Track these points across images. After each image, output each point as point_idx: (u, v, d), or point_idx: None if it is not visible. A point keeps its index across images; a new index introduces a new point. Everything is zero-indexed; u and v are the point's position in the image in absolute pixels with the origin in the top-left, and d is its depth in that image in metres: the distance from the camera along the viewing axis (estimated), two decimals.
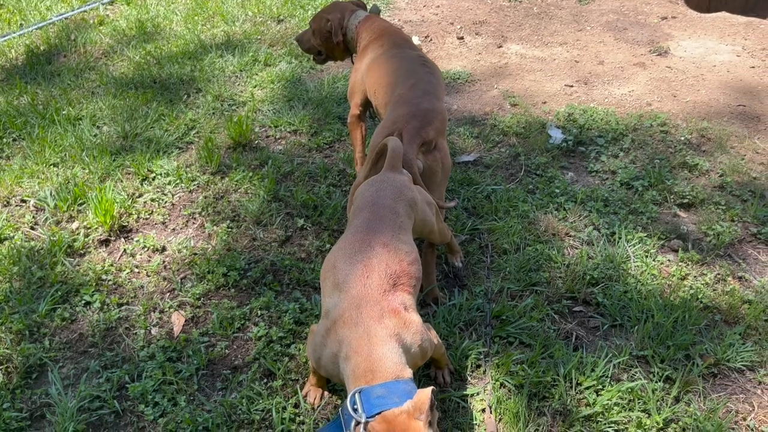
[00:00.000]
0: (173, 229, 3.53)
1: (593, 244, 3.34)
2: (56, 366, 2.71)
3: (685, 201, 3.65)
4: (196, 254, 3.31)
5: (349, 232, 2.37)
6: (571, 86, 5.04)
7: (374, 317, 2.05)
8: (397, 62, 3.27)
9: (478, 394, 2.59)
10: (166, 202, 3.71)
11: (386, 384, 1.90)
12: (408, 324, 2.12)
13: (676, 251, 3.30)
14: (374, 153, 2.87)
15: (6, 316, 2.90)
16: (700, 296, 3.00)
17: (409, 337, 2.09)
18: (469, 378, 2.67)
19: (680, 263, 3.22)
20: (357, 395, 1.88)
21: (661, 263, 3.22)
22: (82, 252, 3.34)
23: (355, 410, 1.84)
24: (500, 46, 5.77)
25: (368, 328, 2.02)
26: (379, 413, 1.81)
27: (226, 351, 2.78)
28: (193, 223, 3.57)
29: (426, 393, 1.80)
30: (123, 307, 3.01)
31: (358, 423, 1.81)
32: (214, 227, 3.50)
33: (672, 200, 3.67)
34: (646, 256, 3.25)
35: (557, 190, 3.74)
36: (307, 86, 4.96)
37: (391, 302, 2.12)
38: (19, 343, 2.80)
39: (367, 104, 3.56)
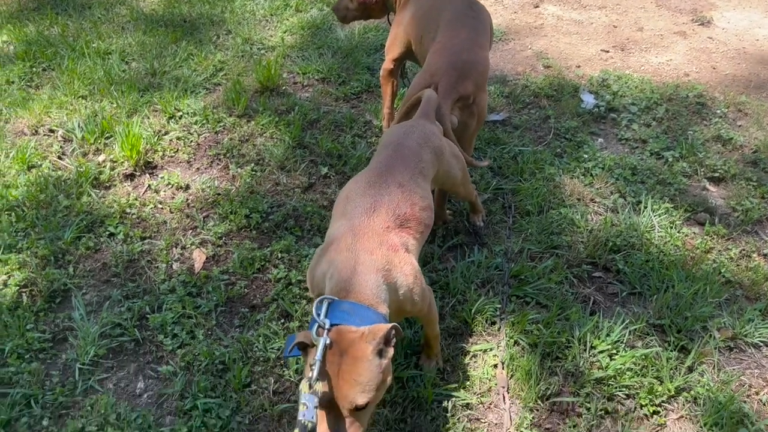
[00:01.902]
0: (197, 169, 3.54)
1: (618, 212, 3.30)
2: (80, 292, 2.77)
3: (716, 175, 3.58)
4: (219, 194, 3.32)
5: (369, 168, 2.36)
6: (607, 51, 4.92)
7: (368, 248, 2.01)
8: (441, 5, 3.17)
9: (491, 349, 2.61)
10: (191, 141, 3.71)
11: (355, 304, 1.87)
12: (403, 264, 2.07)
13: (703, 224, 3.25)
14: (408, 103, 2.83)
15: (32, 241, 2.95)
16: (722, 270, 2.96)
17: (400, 278, 2.05)
18: (483, 333, 2.68)
19: (705, 236, 3.18)
20: (325, 302, 1.85)
21: (686, 235, 3.18)
22: (107, 185, 3.37)
23: (319, 316, 1.82)
24: (537, 6, 5.62)
25: (358, 256, 1.98)
26: (337, 325, 1.80)
27: (245, 290, 2.82)
28: (218, 164, 3.58)
29: (385, 325, 1.79)
30: (146, 241, 3.05)
31: (321, 327, 1.79)
32: (239, 169, 3.51)
33: (702, 173, 3.60)
34: (671, 227, 3.21)
35: (585, 155, 3.68)
36: (338, 35, 4.89)
37: (391, 239, 2.09)
38: (44, 268, 2.85)
39: (403, 59, 3.49)
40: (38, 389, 2.37)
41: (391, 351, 1.83)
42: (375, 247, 2.02)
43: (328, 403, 1.74)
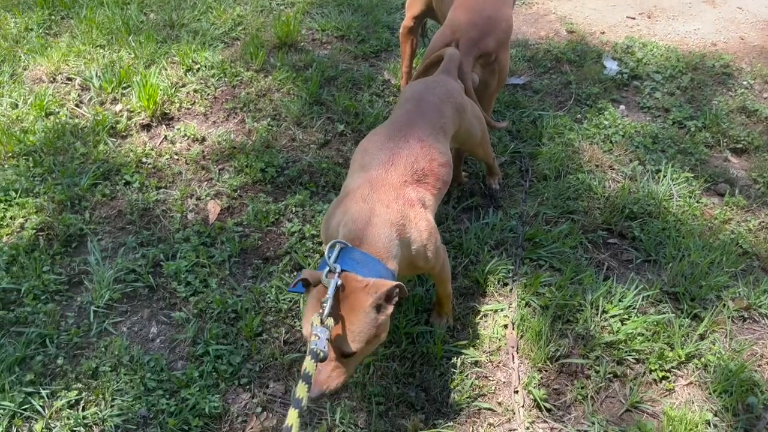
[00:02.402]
0: (214, 122, 3.53)
1: (636, 180, 3.26)
2: (95, 237, 2.79)
3: (739, 146, 3.52)
4: (235, 148, 3.31)
5: (388, 122, 2.33)
6: (633, 18, 4.80)
7: (384, 201, 1.99)
8: None
9: (502, 310, 2.61)
10: (208, 94, 3.69)
11: (367, 255, 1.86)
12: (418, 219, 2.05)
13: (722, 195, 3.21)
14: (427, 61, 2.79)
15: (49, 186, 2.97)
16: (740, 241, 2.93)
17: (414, 233, 2.03)
18: (495, 294, 2.68)
19: (725, 207, 3.13)
20: (337, 246, 1.84)
21: (705, 205, 3.14)
22: (124, 134, 3.37)
23: (330, 259, 1.81)
24: None
25: (374, 208, 1.97)
26: (344, 271, 1.79)
27: (259, 242, 2.83)
28: (234, 117, 3.56)
29: (390, 282, 1.77)
30: (161, 191, 3.05)
31: (330, 271, 1.77)
32: (255, 123, 3.49)
33: (725, 144, 3.54)
34: (690, 197, 3.17)
35: (606, 122, 3.62)
36: None
37: (408, 193, 2.07)
38: (60, 212, 2.87)
39: (423, 17, 3.43)
40: (53, 329, 2.41)
41: (390, 308, 1.81)
42: (391, 201, 2.00)
43: None
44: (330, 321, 1.66)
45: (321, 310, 1.67)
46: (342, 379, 1.79)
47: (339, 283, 1.72)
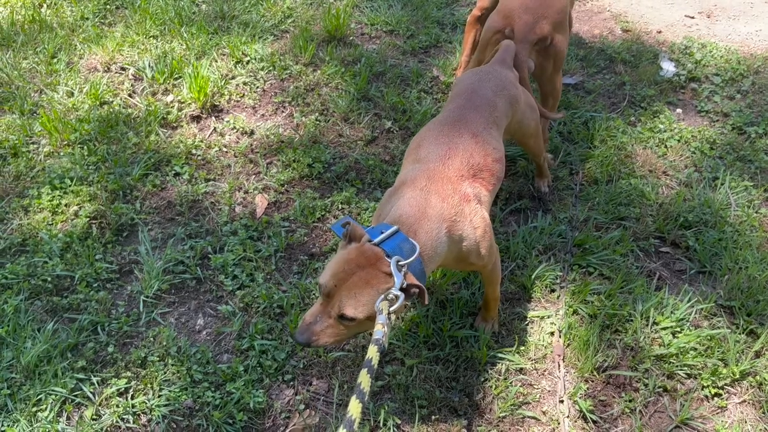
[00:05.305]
0: (262, 115, 3.54)
1: (692, 187, 3.16)
2: (146, 228, 2.83)
3: None
4: (283, 142, 3.33)
5: (441, 116, 2.31)
6: (692, 17, 4.64)
7: (441, 194, 1.98)
8: None
9: (549, 317, 2.56)
10: (257, 87, 3.71)
11: (415, 258, 1.79)
12: (473, 215, 2.03)
13: None
14: (485, 51, 2.76)
15: (102, 175, 3.03)
16: None
17: (467, 230, 2.01)
18: (541, 300, 2.64)
19: None
20: (394, 230, 1.82)
21: (764, 216, 3.02)
22: (174, 125, 3.42)
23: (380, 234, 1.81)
24: None
25: (430, 199, 1.95)
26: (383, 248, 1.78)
27: (305, 238, 2.83)
28: (282, 111, 3.57)
29: (414, 281, 1.73)
30: (210, 183, 3.09)
31: (388, 256, 1.75)
32: (303, 118, 3.49)
33: None
34: (749, 206, 3.05)
35: (661, 126, 3.51)
36: None
37: (464, 188, 2.05)
38: (112, 201, 2.93)
39: (492, 9, 3.38)
40: (105, 317, 2.46)
41: (400, 303, 1.70)
42: (448, 194, 1.99)
43: (327, 298, 1.78)
44: (393, 317, 1.66)
45: (389, 301, 1.66)
46: (332, 341, 1.82)
47: (405, 284, 1.70)
